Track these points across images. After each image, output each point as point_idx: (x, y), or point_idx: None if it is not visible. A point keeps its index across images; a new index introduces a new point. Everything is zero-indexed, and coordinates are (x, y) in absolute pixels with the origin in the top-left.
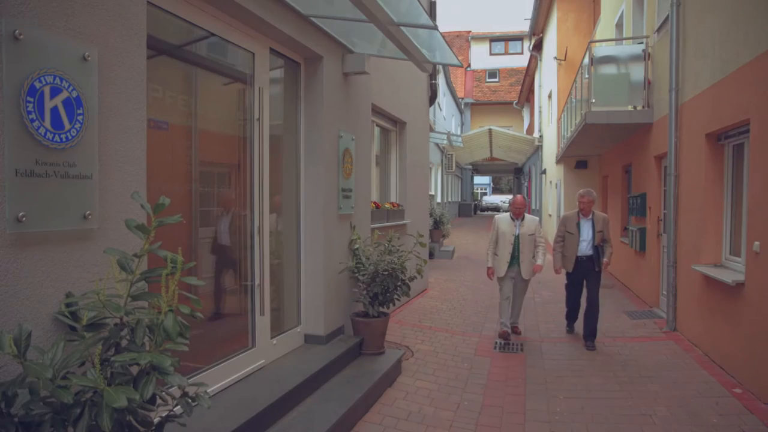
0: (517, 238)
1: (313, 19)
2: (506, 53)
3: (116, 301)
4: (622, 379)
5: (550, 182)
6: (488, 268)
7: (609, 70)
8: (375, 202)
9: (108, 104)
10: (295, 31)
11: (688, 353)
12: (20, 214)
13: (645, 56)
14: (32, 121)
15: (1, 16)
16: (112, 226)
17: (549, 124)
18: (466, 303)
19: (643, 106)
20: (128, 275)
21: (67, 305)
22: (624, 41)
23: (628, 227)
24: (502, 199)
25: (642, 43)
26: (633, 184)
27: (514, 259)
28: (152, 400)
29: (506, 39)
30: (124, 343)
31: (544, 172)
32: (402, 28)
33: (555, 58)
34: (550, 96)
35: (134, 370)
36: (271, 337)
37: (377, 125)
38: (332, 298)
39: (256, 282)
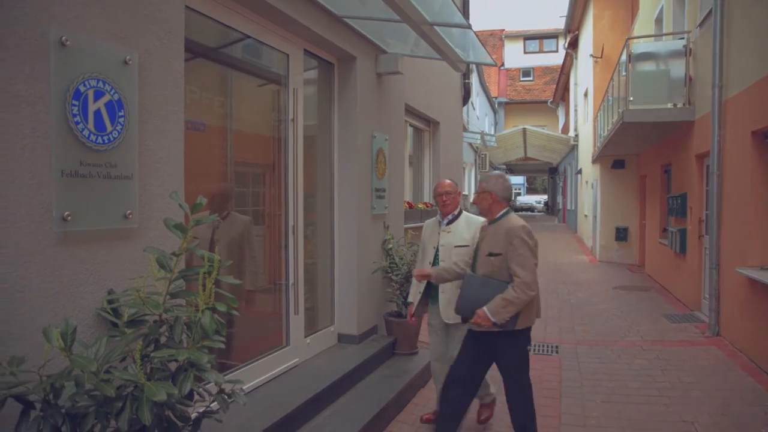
0: (437, 252)
1: (347, 20)
2: (540, 51)
3: (155, 298)
4: (661, 384)
5: (586, 182)
6: (409, 305)
7: (647, 67)
8: (408, 202)
9: (147, 106)
10: (329, 32)
11: (733, 359)
12: (66, 213)
13: (686, 52)
14: (77, 123)
15: (50, 23)
16: (151, 225)
17: (585, 123)
18: None
19: (684, 104)
20: (167, 273)
21: (109, 302)
22: (664, 37)
23: (668, 228)
24: (537, 200)
25: (683, 38)
26: (673, 184)
27: (432, 289)
28: (190, 396)
29: (540, 37)
30: (162, 339)
31: (580, 171)
32: (435, 27)
33: (591, 55)
34: (585, 94)
35: (172, 366)
36: (305, 336)
37: (410, 125)
38: (365, 298)
39: (291, 281)
